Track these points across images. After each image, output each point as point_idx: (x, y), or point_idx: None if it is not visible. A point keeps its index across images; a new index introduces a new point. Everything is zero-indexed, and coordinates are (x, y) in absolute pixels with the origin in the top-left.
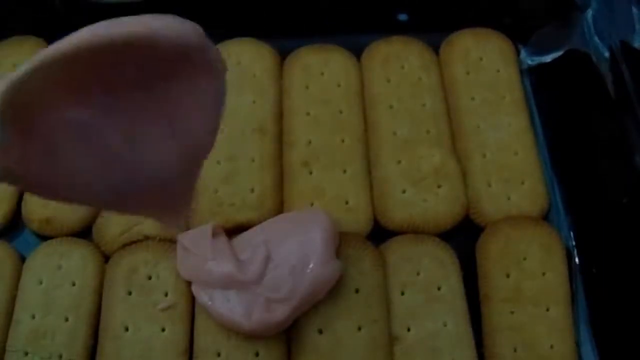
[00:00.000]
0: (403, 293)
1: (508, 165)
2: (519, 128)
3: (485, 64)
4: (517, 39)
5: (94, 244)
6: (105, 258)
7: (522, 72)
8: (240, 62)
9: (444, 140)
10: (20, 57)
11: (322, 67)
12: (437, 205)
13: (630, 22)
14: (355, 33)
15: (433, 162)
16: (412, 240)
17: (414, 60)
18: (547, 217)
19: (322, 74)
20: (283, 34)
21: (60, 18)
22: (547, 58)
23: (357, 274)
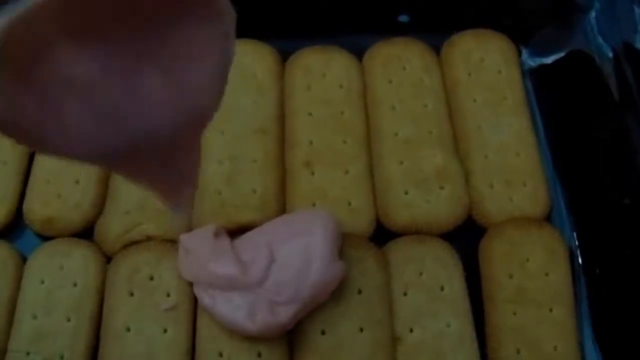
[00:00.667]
0: (406, 294)
1: (510, 167)
2: (521, 129)
3: (487, 65)
4: (518, 40)
5: (96, 244)
6: (107, 259)
7: (523, 73)
8: (242, 63)
9: (446, 141)
10: None
11: (323, 68)
12: (439, 206)
13: (633, 23)
14: (357, 34)
15: (435, 163)
16: (414, 241)
17: (416, 62)
18: (549, 218)
19: (323, 75)
20: (284, 35)
21: None
22: (548, 59)
23: (359, 275)
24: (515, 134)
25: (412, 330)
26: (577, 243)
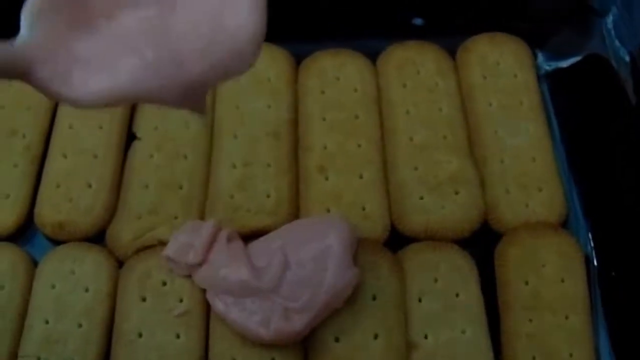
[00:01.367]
0: (420, 300)
1: (526, 172)
2: (537, 134)
3: (503, 69)
4: (534, 44)
5: (108, 249)
6: (119, 263)
7: (539, 77)
8: (255, 66)
9: (461, 146)
10: None
11: (337, 71)
12: (454, 212)
13: None
14: (371, 37)
15: (450, 168)
16: (429, 247)
17: (430, 65)
18: (565, 223)
19: (337, 79)
20: (298, 38)
21: None
22: (564, 63)
23: (374, 281)
24: (531, 139)
25: (426, 337)
26: (593, 248)
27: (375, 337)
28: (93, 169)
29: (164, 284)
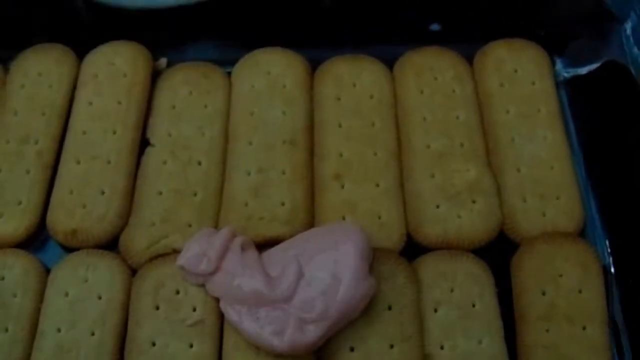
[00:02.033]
0: (437, 310)
1: (543, 180)
2: (555, 141)
3: (520, 76)
4: (552, 50)
5: (120, 257)
6: (132, 271)
7: (557, 84)
8: (270, 72)
9: (479, 154)
10: (46, 65)
11: (354, 78)
12: (471, 221)
13: None
14: (388, 43)
15: (468, 177)
16: (446, 257)
17: (447, 72)
18: (583, 232)
19: (354, 85)
20: (314, 44)
21: (86, 26)
22: (582, 70)
23: (389, 291)
24: (549, 147)
25: (442, 348)
26: (611, 257)
27: (391, 346)
28: (106, 175)
29: (177, 293)
